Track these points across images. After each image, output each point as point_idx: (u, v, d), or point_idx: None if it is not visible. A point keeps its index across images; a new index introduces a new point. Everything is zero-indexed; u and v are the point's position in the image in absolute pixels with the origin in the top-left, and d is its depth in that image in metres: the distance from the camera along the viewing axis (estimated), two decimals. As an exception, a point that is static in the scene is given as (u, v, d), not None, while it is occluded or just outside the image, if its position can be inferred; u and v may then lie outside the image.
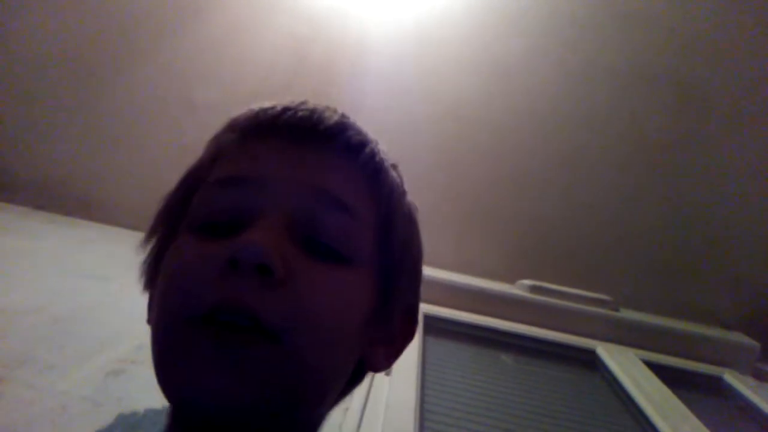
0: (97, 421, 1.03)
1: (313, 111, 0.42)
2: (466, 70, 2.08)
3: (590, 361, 1.72)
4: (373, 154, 0.43)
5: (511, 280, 1.97)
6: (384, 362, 0.44)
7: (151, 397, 1.12)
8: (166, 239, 0.43)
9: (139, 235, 0.45)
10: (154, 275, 0.43)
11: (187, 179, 0.45)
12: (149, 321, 0.42)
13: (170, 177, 0.46)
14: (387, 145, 0.47)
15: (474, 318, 1.77)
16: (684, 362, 1.80)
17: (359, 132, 0.43)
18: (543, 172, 2.11)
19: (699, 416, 1.39)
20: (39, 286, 1.53)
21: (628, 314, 1.91)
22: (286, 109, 0.42)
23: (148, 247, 0.45)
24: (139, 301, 0.44)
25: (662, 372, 1.64)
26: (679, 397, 1.49)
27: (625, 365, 1.64)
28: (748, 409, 1.62)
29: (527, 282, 1.91)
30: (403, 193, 0.46)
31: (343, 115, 0.43)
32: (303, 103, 0.43)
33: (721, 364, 1.83)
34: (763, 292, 2.07)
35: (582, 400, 1.50)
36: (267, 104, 0.43)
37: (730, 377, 1.75)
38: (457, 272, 1.90)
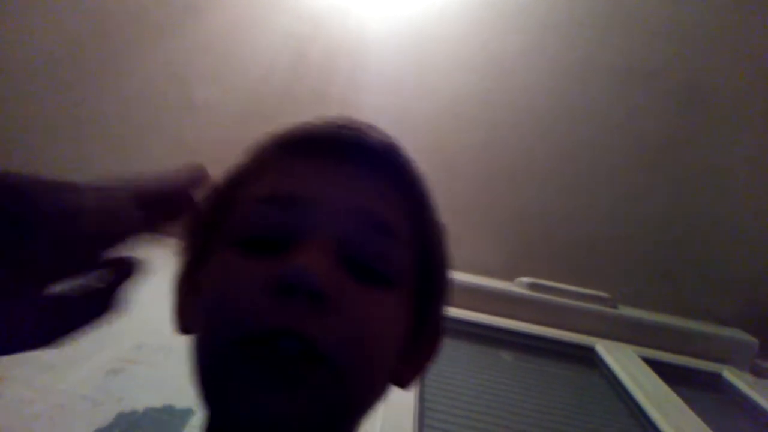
0: (96, 420, 1.03)
1: (359, 130, 0.42)
2: (464, 67, 2.08)
3: (589, 358, 1.72)
4: (415, 176, 0.45)
5: (510, 278, 1.97)
6: (411, 378, 0.46)
7: (151, 396, 1.13)
8: (202, 250, 0.43)
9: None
10: (188, 287, 0.43)
11: (226, 189, 0.44)
12: (182, 330, 0.43)
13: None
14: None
15: (473, 316, 1.77)
16: (683, 359, 1.81)
17: (402, 152, 0.44)
18: (541, 170, 2.11)
19: (698, 413, 1.40)
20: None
21: (626, 311, 1.91)
22: (333, 128, 0.42)
23: (183, 257, 0.45)
24: (139, 300, 0.44)
25: (661, 369, 1.65)
26: (678, 393, 1.49)
27: (623, 362, 1.64)
28: (746, 405, 1.63)
29: (526, 279, 1.92)
30: (436, 212, 0.48)
31: (386, 135, 0.44)
32: (349, 120, 0.43)
33: (720, 360, 1.84)
34: (761, 288, 2.07)
35: (581, 397, 1.50)
36: (314, 121, 0.43)
37: (729, 374, 1.76)
38: (455, 270, 1.90)
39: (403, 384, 0.45)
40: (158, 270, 0.45)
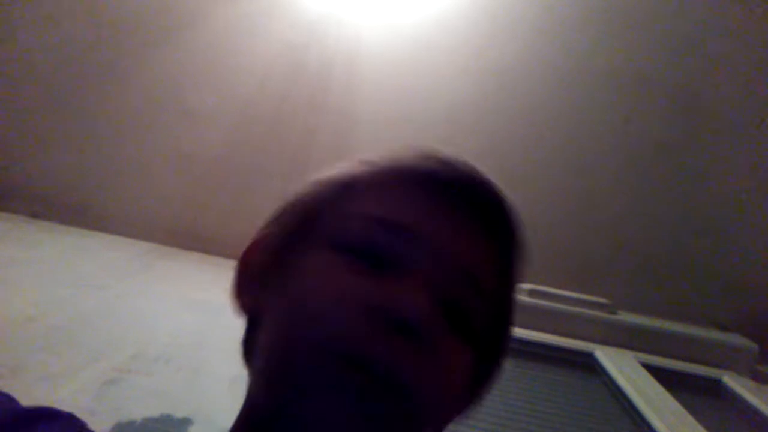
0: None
1: (481, 183, 0.43)
2: (460, 74, 2.08)
3: (589, 365, 1.72)
4: (519, 242, 0.45)
5: (509, 284, 1.96)
6: (449, 422, 0.46)
7: (148, 406, 1.12)
8: (293, 236, 0.42)
9: (136, 243, 0.44)
10: (270, 270, 0.42)
11: (333, 190, 0.44)
12: (241, 307, 0.43)
13: (166, 184, 0.46)
14: (383, 151, 0.47)
15: (472, 322, 1.76)
16: (682, 365, 1.80)
17: (513, 214, 0.45)
18: (539, 176, 2.11)
19: (698, 419, 1.39)
20: (35, 295, 1.52)
21: (626, 317, 1.91)
22: (460, 173, 0.43)
23: (271, 232, 0.45)
24: (136, 310, 0.44)
25: (661, 374, 1.64)
26: (678, 399, 1.48)
27: (623, 368, 1.63)
28: (747, 411, 1.62)
29: (525, 286, 1.91)
30: (521, 276, 0.48)
31: (502, 194, 0.44)
32: (472, 169, 0.44)
33: (720, 366, 1.83)
34: (761, 293, 2.07)
35: (580, 404, 1.50)
36: (444, 159, 0.44)
37: (729, 379, 1.75)
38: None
39: (439, 428, 0.45)
40: (155, 281, 0.44)
